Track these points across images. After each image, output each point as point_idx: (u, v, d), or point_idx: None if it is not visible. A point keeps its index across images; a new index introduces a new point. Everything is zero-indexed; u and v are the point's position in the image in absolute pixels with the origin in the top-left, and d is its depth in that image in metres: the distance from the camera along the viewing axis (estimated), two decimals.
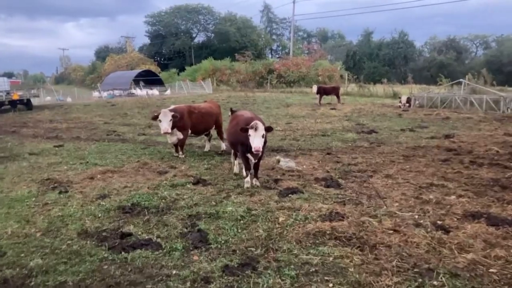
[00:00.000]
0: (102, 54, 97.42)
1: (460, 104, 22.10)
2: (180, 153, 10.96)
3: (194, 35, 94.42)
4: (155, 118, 10.23)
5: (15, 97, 29.02)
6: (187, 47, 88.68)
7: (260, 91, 40.39)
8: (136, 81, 53.39)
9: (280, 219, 6.03)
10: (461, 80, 23.97)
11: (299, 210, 6.39)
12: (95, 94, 43.94)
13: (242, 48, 72.47)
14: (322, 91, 25.55)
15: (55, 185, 8.44)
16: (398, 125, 16.48)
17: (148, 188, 8.02)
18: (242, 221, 6.05)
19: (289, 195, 7.26)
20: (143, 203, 7.04)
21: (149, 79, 55.86)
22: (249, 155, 7.84)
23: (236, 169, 9.18)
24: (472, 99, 21.63)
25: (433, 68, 59.01)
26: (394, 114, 20.41)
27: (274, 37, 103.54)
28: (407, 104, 23.30)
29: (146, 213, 6.55)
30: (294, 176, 8.76)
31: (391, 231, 5.47)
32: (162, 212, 6.59)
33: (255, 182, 8.04)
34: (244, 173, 8.25)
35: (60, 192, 7.85)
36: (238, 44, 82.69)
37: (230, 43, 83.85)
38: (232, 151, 9.32)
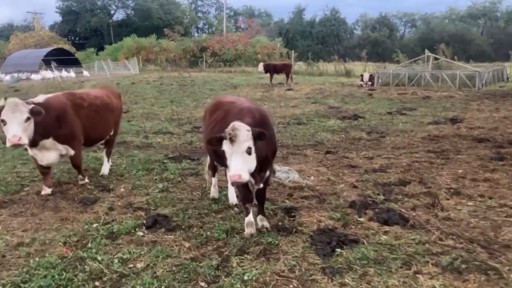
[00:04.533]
0: (6, 33, 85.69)
1: (430, 81, 20.11)
2: (80, 177, 6.41)
3: (112, 12, 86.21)
4: None
5: None
6: (105, 25, 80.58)
7: (194, 71, 36.19)
8: (48, 62, 46.17)
9: None
10: (429, 54, 22.03)
11: None
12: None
13: (166, 26, 66.56)
14: (272, 69, 22.33)
15: None
16: (379, 108, 13.83)
17: (63, 246, 4.28)
18: None
19: (335, 248, 3.99)
20: None
21: (62, 59, 48.66)
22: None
23: (214, 192, 5.68)
24: (444, 76, 19.71)
25: (367, 45, 58.44)
26: (362, 94, 17.86)
27: (199, 14, 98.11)
28: (370, 83, 20.95)
29: None
30: (310, 198, 5.50)
31: None
32: None
33: (262, 222, 4.62)
34: (242, 208, 4.83)
35: None
36: (162, 22, 76.39)
37: (153, 21, 77.29)
38: (208, 160, 5.80)
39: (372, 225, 4.53)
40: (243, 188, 4.44)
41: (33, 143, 5.29)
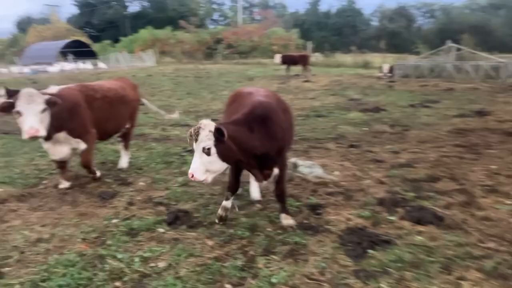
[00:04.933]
0: (24, 25, 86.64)
1: (452, 73, 19.53)
2: (94, 169, 6.09)
3: (127, 4, 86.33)
4: (7, 107, 4.75)
5: None
6: (120, 17, 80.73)
7: (210, 62, 35.95)
8: (65, 54, 46.44)
9: None
10: (451, 45, 21.39)
11: None
12: (13, 68, 37.13)
13: (181, 18, 66.31)
14: (289, 61, 21.96)
15: None
16: (401, 100, 13.41)
17: (82, 243, 4.15)
18: None
19: (367, 249, 3.76)
20: None
21: (79, 50, 48.89)
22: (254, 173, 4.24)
23: (255, 192, 5.38)
24: (468, 67, 19.11)
25: (384, 37, 57.30)
26: (382, 85, 17.43)
27: (214, 6, 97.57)
28: (389, 74, 20.45)
29: None
30: (336, 195, 5.25)
31: None
32: None
33: (286, 220, 4.40)
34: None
35: None
36: (177, 14, 76.10)
37: (168, 13, 77.06)
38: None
39: (404, 225, 4.28)
40: (231, 176, 4.47)
41: (47, 137, 5.12)
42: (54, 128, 5.11)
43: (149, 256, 3.83)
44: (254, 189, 5.20)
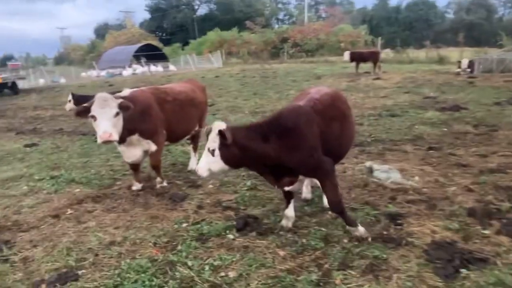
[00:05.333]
0: (102, 32, 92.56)
1: None
2: (159, 179, 6.05)
3: (196, 7, 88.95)
4: (83, 112, 4.87)
5: None
6: (189, 20, 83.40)
7: (276, 62, 35.84)
8: (137, 58, 48.78)
9: None
10: None
11: None
12: (90, 72, 39.59)
13: (247, 18, 66.91)
14: (358, 58, 21.19)
15: None
16: (484, 97, 12.31)
17: (154, 248, 4.11)
18: None
19: (459, 269, 3.33)
20: None
21: (151, 54, 51.14)
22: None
23: (306, 193, 5.20)
24: None
25: (461, 29, 53.67)
26: (461, 82, 16.20)
27: (280, 5, 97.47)
28: (468, 70, 18.99)
29: None
30: (418, 203, 4.81)
31: None
32: None
33: (354, 233, 4.06)
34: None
35: None
36: (243, 15, 77.04)
37: (234, 14, 78.30)
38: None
39: (502, 240, 3.77)
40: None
41: (121, 140, 5.20)
42: (127, 131, 5.18)
43: (219, 264, 3.70)
44: (305, 188, 4.96)
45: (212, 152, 3.70)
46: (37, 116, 16.04)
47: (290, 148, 3.74)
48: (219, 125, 3.67)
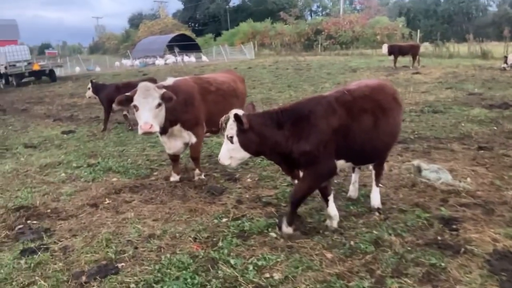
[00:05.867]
0: (136, 21, 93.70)
1: None
2: (197, 171, 5.92)
3: None
4: (126, 101, 4.82)
5: (36, 67, 25.65)
6: (222, 11, 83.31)
7: (309, 54, 35.23)
8: (170, 47, 49.12)
9: None
10: None
11: None
12: (125, 61, 40.15)
13: (280, 10, 66.13)
14: (397, 51, 20.47)
15: (23, 229, 4.55)
16: None
17: (194, 243, 3.98)
18: None
19: None
20: None
21: (184, 44, 51.40)
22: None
23: (353, 191, 4.96)
24: None
25: (505, 23, 51.28)
26: (508, 78, 15.35)
27: None
28: None
29: None
30: (473, 207, 4.48)
31: None
32: None
33: (286, 228, 3.99)
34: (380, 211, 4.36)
35: (24, 254, 3.94)
36: (276, 6, 76.19)
37: (267, 5, 77.54)
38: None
39: None
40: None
41: (164, 130, 5.09)
42: (169, 121, 5.06)
43: (263, 264, 3.52)
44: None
45: (231, 139, 3.70)
46: (73, 104, 16.33)
47: (299, 137, 3.70)
48: (234, 113, 3.66)
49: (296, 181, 4.05)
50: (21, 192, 5.79)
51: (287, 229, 4.00)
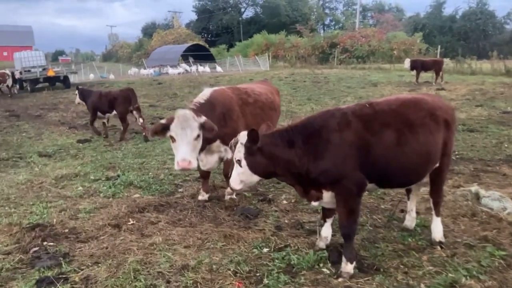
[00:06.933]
0: (149, 31, 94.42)
1: None
2: (229, 190, 5.26)
3: (242, 10, 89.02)
4: (162, 131, 4.35)
5: (50, 73, 25.47)
6: (235, 23, 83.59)
7: (325, 67, 34.76)
8: (185, 57, 48.97)
9: None
10: None
11: None
12: (136, 69, 39.96)
13: (293, 23, 65.99)
14: (419, 66, 19.92)
15: (39, 252, 4.03)
16: None
17: (235, 278, 3.44)
18: None
19: None
20: None
21: (199, 54, 51.28)
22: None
23: (409, 220, 4.39)
24: None
25: None
26: None
27: (326, 11, 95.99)
28: None
29: None
30: None
31: None
32: None
33: (348, 266, 3.51)
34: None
35: (41, 285, 3.42)
36: (289, 19, 76.25)
37: (280, 18, 77.63)
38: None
39: None
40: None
41: (201, 148, 4.57)
42: (207, 140, 4.55)
43: None
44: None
45: (239, 163, 3.50)
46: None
47: (314, 155, 3.44)
48: (243, 134, 3.47)
49: (312, 203, 3.70)
50: (36, 207, 5.30)
51: (347, 267, 3.44)
